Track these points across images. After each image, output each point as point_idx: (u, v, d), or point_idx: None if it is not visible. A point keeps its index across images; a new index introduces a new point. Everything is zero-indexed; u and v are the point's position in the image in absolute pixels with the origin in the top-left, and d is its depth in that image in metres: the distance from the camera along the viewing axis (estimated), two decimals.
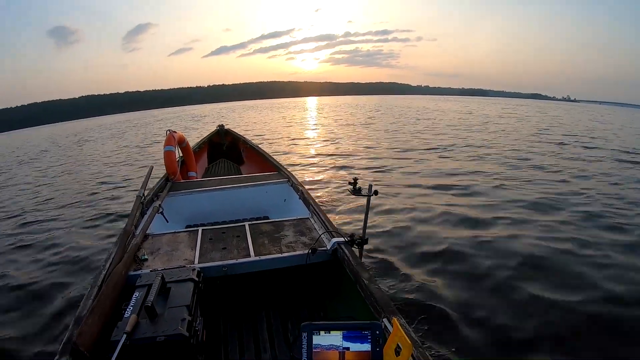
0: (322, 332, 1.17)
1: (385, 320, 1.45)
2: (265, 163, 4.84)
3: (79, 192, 7.66)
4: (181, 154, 4.49)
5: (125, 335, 1.33)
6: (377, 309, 1.56)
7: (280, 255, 2.10)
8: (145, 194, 2.98)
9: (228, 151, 6.08)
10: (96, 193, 7.35)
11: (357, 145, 11.28)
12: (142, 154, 12.65)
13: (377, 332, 1.17)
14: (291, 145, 11.95)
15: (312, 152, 10.59)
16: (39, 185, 8.93)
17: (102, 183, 8.35)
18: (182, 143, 4.43)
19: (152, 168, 3.43)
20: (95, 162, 12.16)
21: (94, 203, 6.52)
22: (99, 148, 16.81)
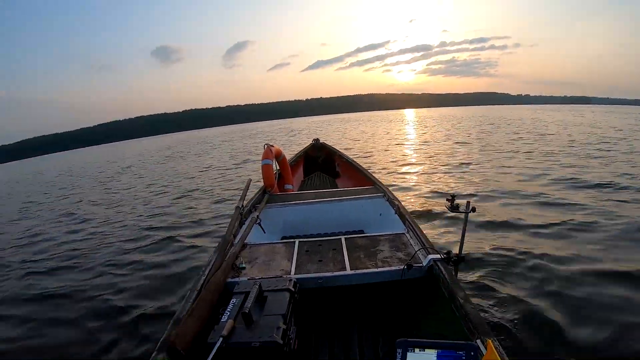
0: (416, 350, 1.16)
1: (479, 341, 1.38)
2: (360, 177, 4.81)
3: (178, 201, 8.38)
4: (278, 167, 4.63)
5: (221, 339, 1.40)
6: (472, 329, 1.49)
7: (375, 270, 2.07)
8: (244, 205, 3.11)
9: (323, 164, 6.22)
10: (196, 201, 8.00)
11: (462, 162, 10.29)
12: (241, 166, 13.52)
13: (472, 352, 1.15)
14: (389, 159, 11.64)
15: (411, 166, 10.19)
16: (142, 192, 10.10)
17: (202, 193, 9.03)
18: (279, 156, 4.60)
19: (250, 180, 3.59)
20: (196, 172, 13.35)
21: (193, 212, 6.99)
22: (199, 159, 18.54)
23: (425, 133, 22.30)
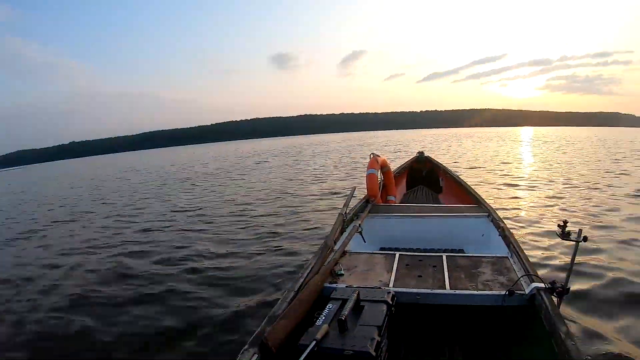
0: None
1: None
2: (464, 194, 4.64)
3: (283, 203, 8.65)
4: (382, 178, 4.59)
5: (314, 342, 1.38)
6: None
7: (475, 292, 1.99)
8: (347, 213, 3.15)
9: (427, 178, 6.09)
10: (299, 205, 8.13)
11: (584, 186, 8.88)
12: (347, 173, 13.68)
13: None
14: (500, 177, 10.73)
15: (523, 189, 9.09)
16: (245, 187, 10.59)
17: (309, 195, 9.33)
18: (384, 167, 4.58)
19: (354, 189, 3.64)
20: (302, 176, 13.93)
21: (297, 214, 7.15)
22: (310, 164, 19.32)
23: (549, 155, 19.06)
